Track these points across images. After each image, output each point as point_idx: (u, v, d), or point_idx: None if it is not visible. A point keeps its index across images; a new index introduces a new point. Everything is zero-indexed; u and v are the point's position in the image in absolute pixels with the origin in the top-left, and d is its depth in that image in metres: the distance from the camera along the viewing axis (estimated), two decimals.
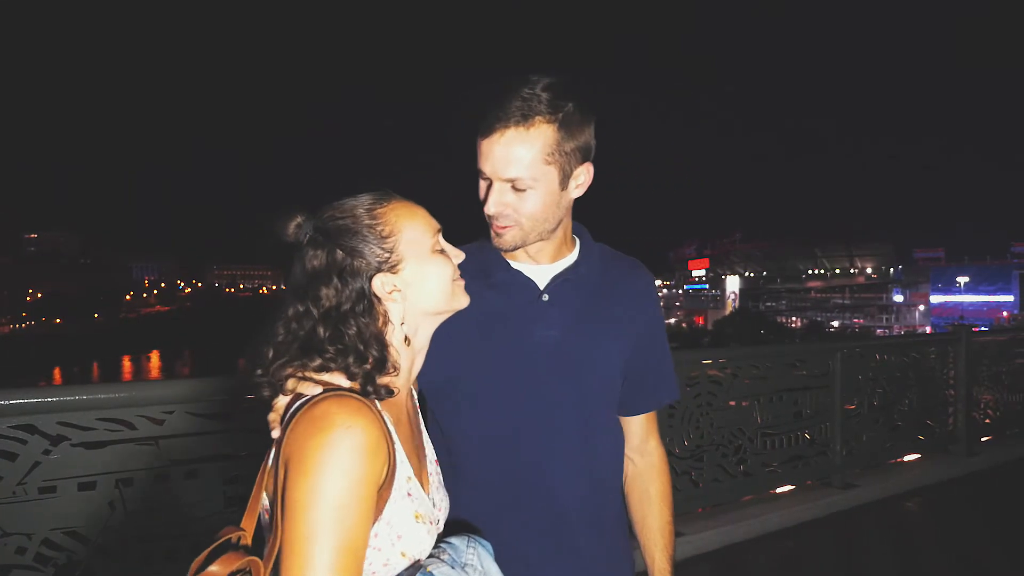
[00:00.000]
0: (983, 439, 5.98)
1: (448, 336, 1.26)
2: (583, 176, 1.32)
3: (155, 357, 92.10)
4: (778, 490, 4.68)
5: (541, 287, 1.37)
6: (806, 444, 4.73)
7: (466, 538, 1.15)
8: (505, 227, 1.29)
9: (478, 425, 1.34)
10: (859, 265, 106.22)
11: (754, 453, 4.39)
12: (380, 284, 1.10)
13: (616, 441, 1.47)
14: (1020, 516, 4.71)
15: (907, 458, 5.51)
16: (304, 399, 1.01)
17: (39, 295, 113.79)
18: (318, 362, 1.05)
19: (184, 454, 2.45)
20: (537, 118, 1.22)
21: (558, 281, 1.38)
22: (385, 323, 1.12)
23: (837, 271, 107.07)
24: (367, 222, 1.10)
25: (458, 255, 1.21)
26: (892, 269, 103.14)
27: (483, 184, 1.29)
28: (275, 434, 1.04)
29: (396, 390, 1.10)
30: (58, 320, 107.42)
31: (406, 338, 1.14)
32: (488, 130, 1.24)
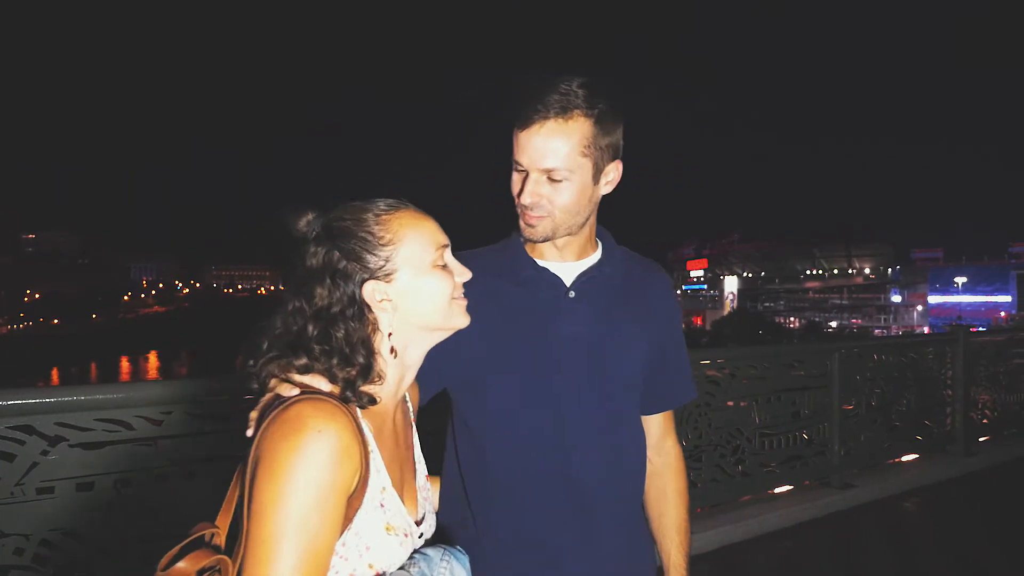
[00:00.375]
0: (981, 439, 5.98)
1: (476, 333, 1.28)
2: (613, 173, 1.36)
3: (153, 358, 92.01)
4: (776, 490, 4.68)
5: (567, 284, 1.40)
6: (804, 444, 4.73)
7: (441, 550, 1.13)
8: (539, 217, 1.32)
9: (507, 419, 1.36)
10: (857, 265, 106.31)
11: (752, 453, 4.39)
12: (371, 291, 1.09)
13: (640, 437, 1.49)
14: (1018, 516, 4.72)
15: (905, 458, 5.52)
16: (280, 400, 1.01)
17: (37, 295, 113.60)
18: (304, 360, 1.05)
19: (183, 454, 2.44)
20: (576, 111, 1.26)
21: (584, 279, 1.40)
22: (375, 331, 1.11)
23: (835, 271, 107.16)
24: (368, 227, 1.10)
25: (463, 273, 1.19)
26: (890, 269, 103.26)
27: (518, 176, 1.33)
28: (249, 433, 1.03)
29: (379, 399, 1.09)
30: (56, 320, 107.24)
31: (392, 349, 1.13)
32: (527, 122, 1.27)
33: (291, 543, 0.90)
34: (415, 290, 1.12)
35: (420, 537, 1.15)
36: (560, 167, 1.27)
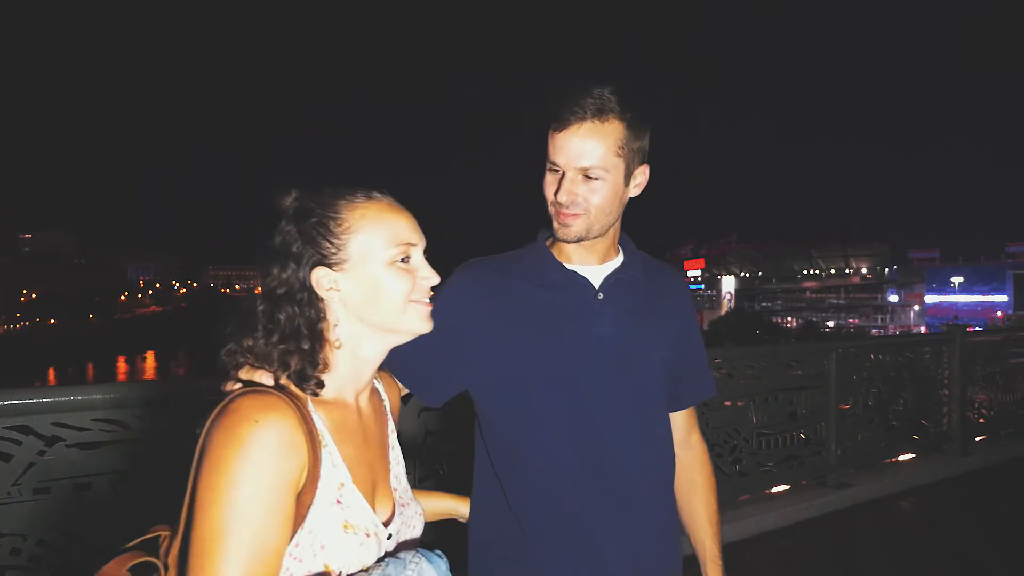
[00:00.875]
0: (977, 439, 6.01)
1: (503, 336, 1.35)
2: (641, 177, 1.42)
3: (150, 357, 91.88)
4: (774, 490, 4.69)
5: (596, 286, 1.43)
6: (801, 444, 4.74)
7: (412, 552, 1.08)
8: (575, 216, 1.36)
9: (541, 421, 1.37)
10: (854, 265, 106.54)
11: (750, 453, 4.40)
12: (318, 278, 1.06)
13: (669, 434, 1.52)
14: (1014, 515, 4.74)
15: (902, 458, 5.53)
16: (224, 396, 0.99)
17: (34, 295, 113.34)
18: (250, 341, 1.05)
19: (180, 454, 2.44)
20: (611, 114, 1.33)
21: (611, 281, 1.44)
22: (322, 319, 1.08)
23: (832, 271, 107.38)
24: (330, 213, 1.07)
25: (428, 277, 1.14)
26: (887, 269, 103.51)
27: (552, 177, 1.37)
28: (198, 430, 1.01)
29: (325, 385, 1.06)
30: (53, 320, 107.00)
31: (348, 337, 1.10)
32: (564, 123, 1.33)
33: (236, 539, 0.87)
34: (365, 285, 1.07)
35: (389, 538, 1.10)
36: (596, 166, 1.32)
